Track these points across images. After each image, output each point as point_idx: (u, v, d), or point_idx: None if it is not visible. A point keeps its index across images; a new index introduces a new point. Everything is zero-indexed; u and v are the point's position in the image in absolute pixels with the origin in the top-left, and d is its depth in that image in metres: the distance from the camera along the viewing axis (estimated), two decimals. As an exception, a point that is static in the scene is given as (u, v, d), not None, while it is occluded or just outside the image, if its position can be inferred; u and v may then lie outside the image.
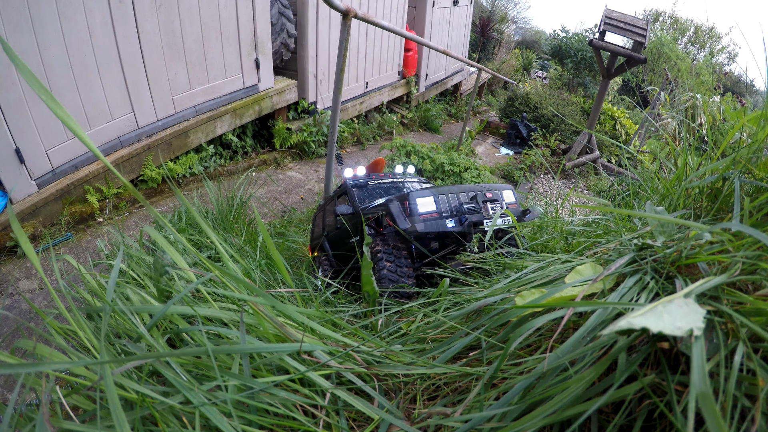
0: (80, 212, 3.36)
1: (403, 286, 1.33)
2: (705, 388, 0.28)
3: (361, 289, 1.66)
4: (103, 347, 0.40)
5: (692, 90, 5.22)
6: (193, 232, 2.00)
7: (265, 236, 0.58)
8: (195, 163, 4.34)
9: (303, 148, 5.62)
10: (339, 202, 2.45)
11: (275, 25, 5.02)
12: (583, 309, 0.47)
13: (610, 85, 9.17)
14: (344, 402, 0.50)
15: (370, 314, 0.92)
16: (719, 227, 0.38)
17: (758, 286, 0.44)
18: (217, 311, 0.55)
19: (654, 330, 0.30)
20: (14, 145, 2.90)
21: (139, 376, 0.55)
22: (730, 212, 0.64)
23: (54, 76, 3.05)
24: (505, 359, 0.41)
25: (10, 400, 0.43)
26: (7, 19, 2.66)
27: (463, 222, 1.43)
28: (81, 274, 0.80)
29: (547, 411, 0.36)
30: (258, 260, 1.53)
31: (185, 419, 0.44)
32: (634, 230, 0.66)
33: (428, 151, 5.20)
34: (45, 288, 2.57)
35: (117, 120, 3.60)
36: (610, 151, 7.96)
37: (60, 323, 0.57)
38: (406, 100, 8.29)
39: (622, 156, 7.17)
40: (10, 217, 0.43)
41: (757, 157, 0.67)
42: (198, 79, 4.20)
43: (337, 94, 2.85)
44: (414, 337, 0.68)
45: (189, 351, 0.43)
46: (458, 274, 0.98)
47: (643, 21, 6.61)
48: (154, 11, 3.57)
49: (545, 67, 15.63)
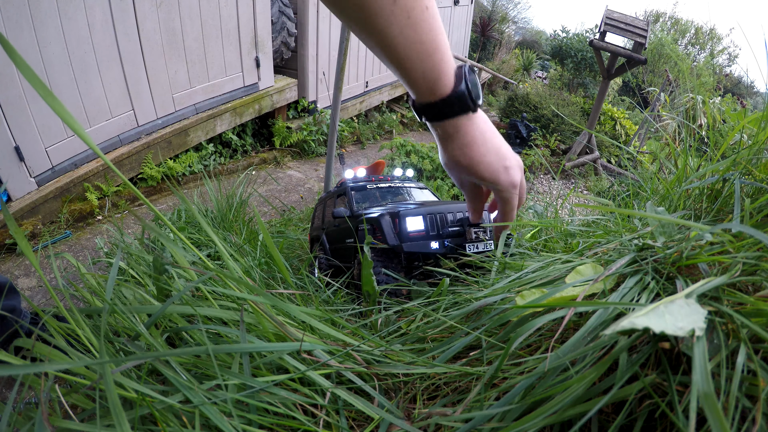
0: (79, 210, 3.36)
1: (401, 285, 1.34)
2: (707, 389, 0.28)
3: (358, 287, 1.67)
4: (102, 346, 0.40)
5: (692, 91, 5.22)
6: (192, 230, 2.00)
7: (265, 235, 0.58)
8: (195, 161, 4.34)
9: (303, 147, 5.62)
10: (338, 203, 2.46)
11: (276, 23, 5.02)
12: (584, 309, 0.47)
13: (610, 85, 9.18)
14: (344, 401, 0.50)
15: (370, 313, 0.92)
16: (720, 228, 0.38)
17: (759, 287, 0.44)
18: (216, 310, 0.55)
19: (656, 330, 0.30)
20: (14, 142, 2.90)
21: (138, 375, 0.55)
22: (730, 213, 0.64)
23: (54, 74, 3.04)
24: (505, 359, 0.41)
25: (9, 399, 0.43)
26: (7, 17, 2.66)
27: (446, 245, 1.51)
28: (80, 272, 0.80)
29: (548, 411, 0.36)
30: (258, 259, 1.53)
31: (185, 418, 0.43)
32: (635, 231, 0.66)
33: (428, 150, 5.20)
34: (44, 286, 2.56)
35: (117, 118, 3.60)
36: (610, 151, 7.96)
37: (59, 322, 0.57)
38: (406, 100, 8.29)
39: (622, 156, 7.18)
40: (5, 217, 0.42)
41: (757, 159, 0.67)
42: (198, 78, 4.20)
43: (338, 93, 2.85)
44: (414, 336, 0.68)
45: (189, 350, 0.43)
46: (459, 273, 0.98)
47: (643, 22, 6.61)
48: (154, 9, 3.56)
49: (545, 68, 15.63)
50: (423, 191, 2.55)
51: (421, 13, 0.52)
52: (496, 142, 0.67)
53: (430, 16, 0.54)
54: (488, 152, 0.66)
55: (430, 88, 0.59)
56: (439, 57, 0.56)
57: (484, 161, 0.66)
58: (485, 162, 0.66)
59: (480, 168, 0.67)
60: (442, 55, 0.57)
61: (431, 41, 0.55)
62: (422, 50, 0.54)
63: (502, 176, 0.67)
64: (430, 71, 0.57)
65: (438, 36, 0.55)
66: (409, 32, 0.53)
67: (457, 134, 0.64)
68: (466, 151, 0.66)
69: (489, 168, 0.67)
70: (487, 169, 0.67)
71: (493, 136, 0.67)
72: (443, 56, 0.57)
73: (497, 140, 0.68)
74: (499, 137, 0.68)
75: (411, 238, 1.53)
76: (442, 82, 0.58)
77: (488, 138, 0.66)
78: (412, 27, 0.53)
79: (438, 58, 0.56)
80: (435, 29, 0.55)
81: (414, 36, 0.53)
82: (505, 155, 0.68)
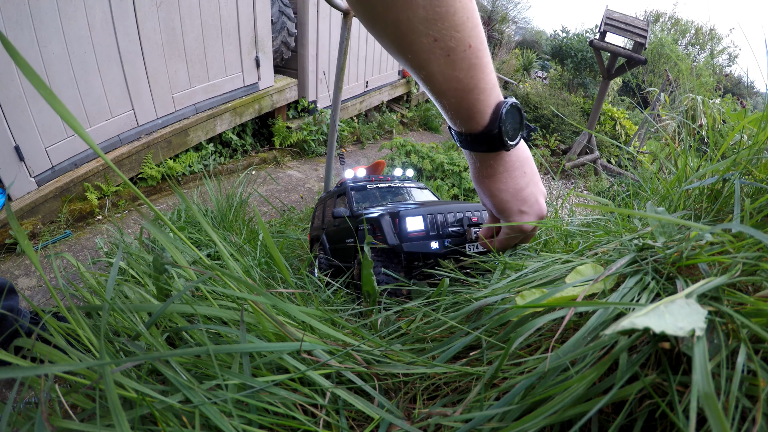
0: (79, 210, 3.36)
1: (401, 285, 1.34)
2: (708, 388, 0.28)
3: (358, 287, 1.67)
4: (102, 346, 0.40)
5: (692, 91, 5.23)
6: (192, 230, 2.00)
7: (265, 234, 0.58)
8: (194, 161, 4.34)
9: (303, 147, 5.61)
10: (338, 203, 2.46)
11: (276, 23, 5.02)
12: (584, 309, 0.47)
13: (610, 85, 9.18)
14: (344, 401, 0.50)
15: (370, 313, 0.92)
16: (720, 228, 0.38)
17: (759, 287, 0.44)
18: (216, 310, 0.55)
19: (657, 330, 0.30)
20: (14, 142, 2.90)
21: (138, 374, 0.55)
22: (730, 213, 0.64)
23: (54, 74, 3.04)
24: (505, 359, 0.41)
25: (9, 399, 0.43)
26: (7, 16, 2.66)
27: (446, 245, 1.51)
28: (80, 271, 0.79)
29: (548, 411, 0.36)
30: (258, 258, 1.53)
31: (185, 418, 0.43)
32: (635, 231, 0.66)
33: (428, 150, 5.20)
34: (44, 286, 2.56)
35: (117, 118, 3.60)
36: (610, 151, 7.97)
37: (59, 321, 0.57)
38: (406, 100, 8.29)
39: (621, 157, 7.18)
40: (8, 216, 0.42)
41: (757, 159, 0.67)
42: (198, 77, 4.20)
43: (338, 92, 2.85)
44: (414, 336, 0.68)
45: (190, 351, 0.43)
46: (459, 274, 0.98)
47: (643, 22, 6.61)
48: (154, 9, 3.56)
49: (545, 68, 15.62)
50: (423, 191, 2.55)
51: (463, 52, 0.53)
52: (520, 183, 0.68)
53: (472, 55, 0.54)
54: (506, 190, 0.67)
55: (464, 122, 0.60)
56: (476, 96, 0.57)
57: (498, 197, 0.68)
58: (499, 198, 0.68)
59: (494, 201, 0.69)
60: (479, 93, 0.57)
61: (469, 79, 0.55)
62: (459, 88, 0.55)
63: (514, 217, 0.69)
64: (465, 109, 0.58)
65: (477, 74, 0.56)
66: (447, 70, 0.53)
67: (483, 164, 0.66)
68: (487, 182, 0.67)
69: (501, 205, 0.68)
70: (500, 205, 0.69)
71: (519, 176, 0.67)
72: (480, 95, 0.57)
73: (522, 181, 0.68)
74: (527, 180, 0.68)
75: (411, 238, 1.53)
76: (475, 120, 0.59)
77: (513, 177, 0.67)
78: (451, 65, 0.53)
79: (474, 98, 0.57)
80: (476, 67, 0.55)
81: (451, 74, 0.54)
82: (525, 199, 0.68)
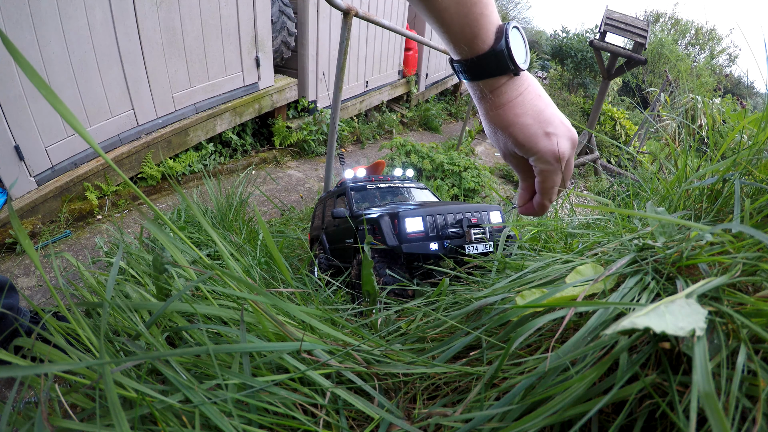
0: (79, 209, 3.36)
1: (402, 284, 1.34)
2: (708, 388, 0.28)
3: (357, 287, 1.67)
4: (102, 346, 0.40)
5: (692, 91, 5.23)
6: (192, 229, 2.00)
7: (265, 234, 0.58)
8: (194, 161, 4.34)
9: (303, 147, 5.61)
10: (338, 203, 2.46)
11: (276, 23, 5.01)
12: (584, 309, 0.47)
13: (610, 85, 9.18)
14: (344, 401, 0.50)
15: (370, 313, 0.92)
16: (720, 228, 0.38)
17: (759, 287, 0.44)
18: (216, 309, 0.55)
19: (657, 330, 0.30)
20: (13, 141, 2.90)
21: (138, 374, 0.55)
22: (730, 214, 0.64)
23: (54, 73, 3.04)
24: (505, 359, 0.41)
25: (9, 398, 0.43)
26: (7, 15, 2.65)
27: (445, 246, 1.51)
28: (80, 271, 0.79)
29: (548, 411, 0.36)
30: (258, 258, 1.53)
31: (185, 418, 0.43)
32: (635, 231, 0.66)
33: (428, 150, 5.20)
34: (44, 285, 2.56)
35: (117, 117, 3.60)
36: (610, 151, 7.97)
37: (59, 321, 0.57)
38: (406, 99, 8.28)
39: (621, 157, 7.18)
40: (10, 215, 0.42)
41: (757, 159, 0.67)
42: (198, 77, 4.19)
43: (338, 92, 2.84)
44: (414, 336, 0.68)
45: (190, 351, 0.43)
46: (461, 271, 0.98)
47: (643, 22, 6.61)
48: (154, 8, 3.56)
49: (545, 68, 15.63)
50: (423, 191, 2.55)
51: None
52: (539, 105, 0.59)
53: None
54: (525, 114, 0.58)
55: (468, 43, 0.54)
56: (479, 10, 0.52)
57: (518, 122, 0.58)
58: (519, 123, 0.58)
59: (514, 130, 0.58)
60: (483, 8, 0.53)
61: None
62: (462, 1, 0.51)
63: (542, 142, 0.58)
64: (469, 25, 0.53)
65: None
66: None
67: (493, 94, 0.58)
68: (500, 112, 0.58)
69: (524, 131, 0.58)
70: (522, 131, 0.58)
71: (535, 98, 0.59)
72: (484, 10, 0.53)
73: (541, 103, 0.59)
74: (546, 102, 0.60)
75: (410, 239, 1.52)
76: (480, 38, 0.54)
77: (528, 99, 0.58)
78: None
79: (478, 12, 0.52)
80: None
81: None
82: (549, 120, 0.59)
